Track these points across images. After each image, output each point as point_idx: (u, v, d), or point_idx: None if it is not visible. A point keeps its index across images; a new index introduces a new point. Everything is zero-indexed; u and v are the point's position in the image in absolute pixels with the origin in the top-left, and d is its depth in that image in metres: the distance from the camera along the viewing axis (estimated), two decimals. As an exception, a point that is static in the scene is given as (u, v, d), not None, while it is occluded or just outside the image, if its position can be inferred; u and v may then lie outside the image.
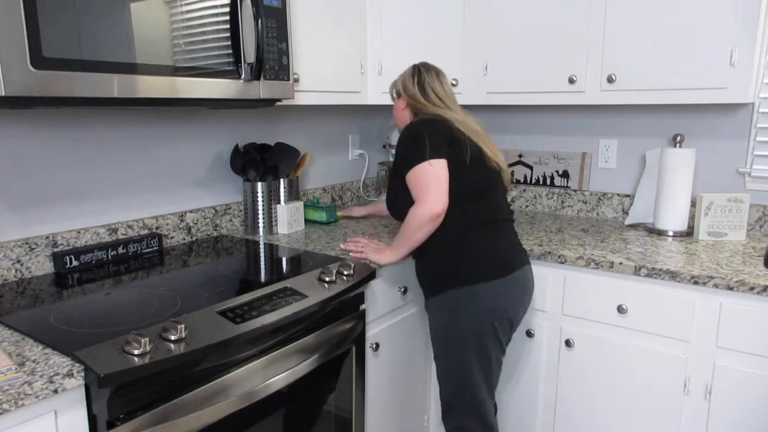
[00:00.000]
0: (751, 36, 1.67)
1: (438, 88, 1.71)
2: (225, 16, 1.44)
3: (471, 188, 1.59)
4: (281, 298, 1.36)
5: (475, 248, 1.57)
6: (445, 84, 1.73)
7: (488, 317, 1.56)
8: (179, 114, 1.85)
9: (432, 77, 1.72)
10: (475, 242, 1.57)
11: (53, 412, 0.98)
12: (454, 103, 1.72)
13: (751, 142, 2.01)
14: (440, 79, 1.73)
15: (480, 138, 1.65)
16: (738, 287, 1.51)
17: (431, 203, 1.52)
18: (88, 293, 1.37)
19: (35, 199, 1.51)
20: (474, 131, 1.65)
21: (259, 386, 1.27)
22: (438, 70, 1.75)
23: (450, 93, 1.74)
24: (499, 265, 1.57)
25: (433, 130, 1.59)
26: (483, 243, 1.58)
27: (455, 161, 1.58)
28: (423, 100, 1.69)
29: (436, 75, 1.73)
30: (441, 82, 1.72)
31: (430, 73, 1.73)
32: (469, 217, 1.58)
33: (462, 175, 1.58)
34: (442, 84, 1.72)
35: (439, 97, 1.70)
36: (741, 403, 1.56)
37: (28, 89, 1.08)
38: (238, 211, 2.07)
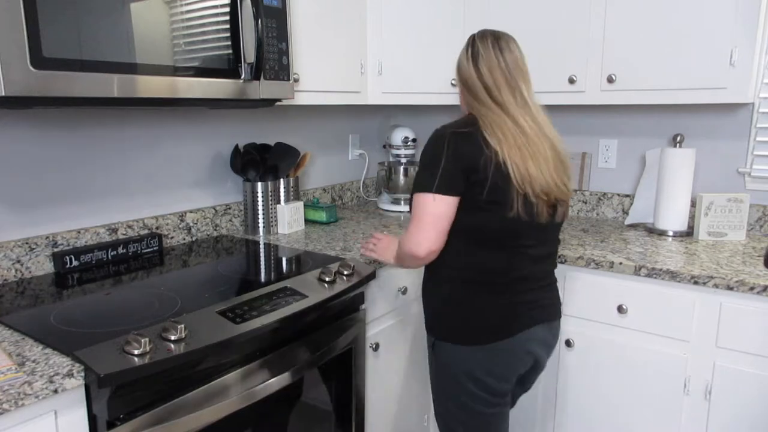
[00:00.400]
0: (751, 36, 1.67)
1: (496, 63, 1.29)
2: (225, 16, 1.44)
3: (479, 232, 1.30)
4: (281, 298, 1.36)
5: (463, 306, 1.34)
6: (506, 53, 1.30)
7: (460, 378, 1.37)
8: (179, 114, 1.85)
9: (486, 45, 1.31)
10: (467, 299, 1.34)
11: (53, 412, 0.98)
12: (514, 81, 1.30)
13: (751, 142, 2.01)
14: (500, 45, 1.31)
15: (534, 161, 1.26)
16: (738, 287, 1.51)
17: (413, 243, 1.29)
18: (88, 293, 1.37)
19: (35, 199, 1.51)
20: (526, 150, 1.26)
21: (259, 386, 1.27)
22: (499, 34, 1.33)
23: (516, 67, 1.30)
24: (494, 327, 1.33)
25: (456, 152, 1.26)
26: (475, 303, 1.33)
27: (472, 194, 1.28)
28: (477, 86, 1.31)
29: (494, 41, 1.31)
30: (500, 50, 1.30)
31: (485, 40, 1.32)
32: (468, 267, 1.33)
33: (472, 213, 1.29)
34: (502, 54, 1.30)
35: (495, 82, 1.29)
36: (741, 403, 1.56)
37: (28, 89, 1.08)
38: (238, 211, 2.07)
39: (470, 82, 1.34)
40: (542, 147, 1.29)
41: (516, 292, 1.34)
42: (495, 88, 1.30)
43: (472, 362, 1.36)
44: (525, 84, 1.32)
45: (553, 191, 1.30)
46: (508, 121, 1.28)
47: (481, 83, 1.32)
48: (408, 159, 2.49)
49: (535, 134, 1.29)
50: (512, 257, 1.32)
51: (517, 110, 1.29)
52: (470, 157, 1.26)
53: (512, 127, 1.27)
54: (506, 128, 1.27)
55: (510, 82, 1.31)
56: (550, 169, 1.29)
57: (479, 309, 1.34)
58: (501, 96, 1.30)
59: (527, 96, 1.31)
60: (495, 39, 1.33)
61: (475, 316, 1.34)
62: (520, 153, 1.26)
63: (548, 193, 1.29)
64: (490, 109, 1.30)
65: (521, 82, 1.31)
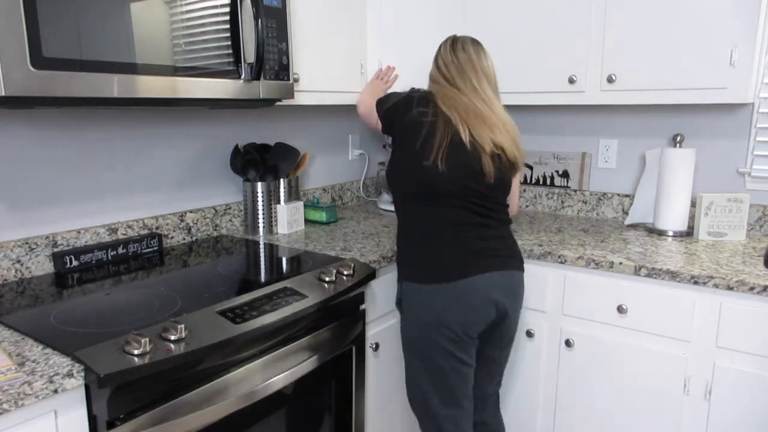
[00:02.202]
0: (751, 36, 1.67)
1: (450, 59, 1.56)
2: (225, 16, 1.44)
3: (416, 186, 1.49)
4: (281, 298, 1.36)
5: (417, 250, 1.51)
6: (459, 53, 1.55)
7: (424, 324, 1.49)
8: (179, 114, 1.85)
9: (445, 46, 1.59)
10: (417, 241, 1.51)
11: (53, 412, 0.98)
12: (463, 74, 1.53)
13: (751, 142, 2.01)
14: (454, 47, 1.56)
15: (476, 118, 1.48)
16: (738, 287, 1.51)
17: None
18: (88, 293, 1.37)
19: (35, 199, 1.51)
20: (471, 111, 1.48)
21: (259, 386, 1.27)
22: (459, 38, 1.58)
23: (467, 63, 1.54)
24: (443, 269, 1.47)
25: (396, 101, 1.59)
26: (427, 246, 1.50)
27: (406, 148, 1.51)
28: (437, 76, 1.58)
29: (450, 43, 1.58)
30: (454, 50, 1.56)
31: (445, 44, 1.59)
32: (416, 215, 1.52)
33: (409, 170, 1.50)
34: (455, 54, 1.55)
35: (449, 72, 1.55)
36: (741, 403, 1.56)
37: (28, 89, 1.08)
38: (238, 211, 2.07)
39: (432, 75, 1.61)
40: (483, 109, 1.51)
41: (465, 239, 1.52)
42: (450, 76, 1.55)
43: (428, 305, 1.50)
44: (475, 77, 1.53)
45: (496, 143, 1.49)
46: (451, 89, 1.53)
47: (440, 73, 1.57)
48: (408, 159, 2.49)
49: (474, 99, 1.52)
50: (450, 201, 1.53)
51: (468, 92, 1.52)
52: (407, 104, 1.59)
53: (450, 92, 1.53)
54: (447, 92, 1.53)
55: (462, 74, 1.53)
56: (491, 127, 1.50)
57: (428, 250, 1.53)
58: (455, 81, 1.54)
59: (477, 85, 1.53)
60: (452, 42, 1.58)
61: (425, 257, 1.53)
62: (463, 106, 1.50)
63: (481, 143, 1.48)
64: (440, 83, 1.56)
65: (471, 74, 1.53)
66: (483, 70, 1.54)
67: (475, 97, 1.51)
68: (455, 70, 1.54)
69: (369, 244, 1.85)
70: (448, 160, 1.45)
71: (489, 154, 1.46)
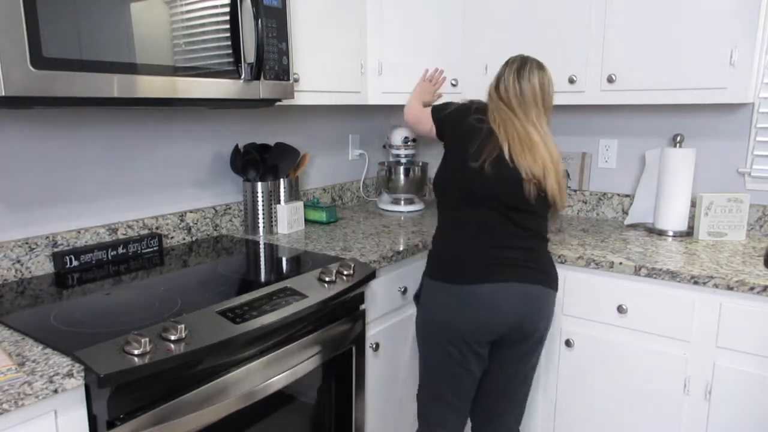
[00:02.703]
0: (751, 36, 1.67)
1: (510, 85, 1.54)
2: (225, 16, 1.44)
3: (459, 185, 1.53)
4: (281, 298, 1.36)
5: (443, 248, 1.57)
6: (522, 81, 1.52)
7: (431, 320, 1.56)
8: (179, 114, 1.85)
9: (510, 70, 1.56)
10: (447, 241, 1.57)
11: (53, 412, 0.98)
12: (524, 107, 1.53)
13: (751, 142, 2.01)
14: (519, 74, 1.53)
15: (521, 144, 1.49)
16: (738, 287, 1.51)
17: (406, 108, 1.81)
18: (88, 293, 1.37)
19: (35, 199, 1.51)
20: (517, 136, 1.50)
21: (259, 386, 1.27)
22: (525, 62, 1.55)
23: (527, 92, 1.52)
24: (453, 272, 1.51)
25: (455, 107, 1.63)
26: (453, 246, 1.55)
27: (458, 150, 1.56)
28: (492, 94, 1.58)
29: (517, 69, 1.55)
30: (519, 78, 1.53)
31: (512, 65, 1.56)
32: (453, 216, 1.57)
33: (456, 170, 1.55)
34: (519, 80, 1.53)
35: (509, 98, 1.54)
36: (741, 403, 1.56)
37: (28, 89, 1.08)
38: (238, 211, 2.07)
39: (491, 93, 1.60)
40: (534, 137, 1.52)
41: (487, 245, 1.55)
42: (511, 104, 1.54)
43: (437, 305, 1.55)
44: (536, 111, 1.53)
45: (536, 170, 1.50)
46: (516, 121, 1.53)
47: (499, 97, 1.57)
48: (408, 159, 2.49)
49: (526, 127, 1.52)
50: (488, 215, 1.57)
51: (522, 118, 1.53)
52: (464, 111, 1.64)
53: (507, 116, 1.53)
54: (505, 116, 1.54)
55: (522, 106, 1.53)
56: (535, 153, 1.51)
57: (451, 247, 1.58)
58: (515, 110, 1.54)
59: (535, 120, 1.53)
60: (519, 67, 1.55)
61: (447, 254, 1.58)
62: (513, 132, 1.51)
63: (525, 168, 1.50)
64: (501, 107, 1.56)
65: (532, 108, 1.53)
66: (545, 102, 1.55)
67: (529, 125, 1.52)
68: (516, 102, 1.53)
69: (369, 244, 1.85)
70: (494, 166, 1.49)
71: (526, 180, 1.49)
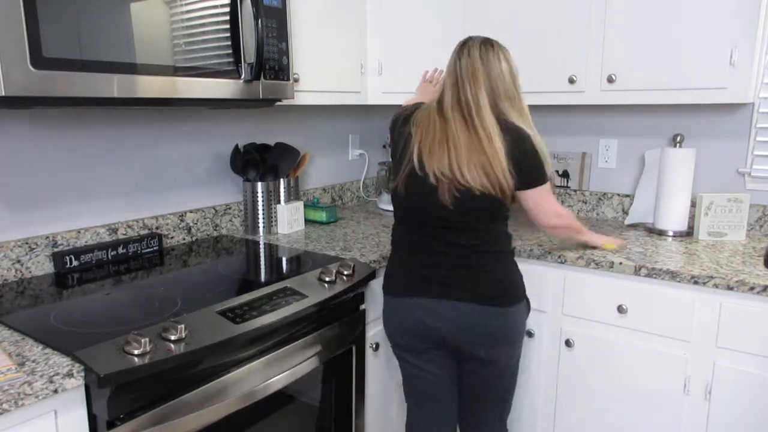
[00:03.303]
0: (751, 36, 1.67)
1: (450, 65, 1.48)
2: (225, 16, 1.44)
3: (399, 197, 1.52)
4: (281, 298, 1.36)
5: (388, 260, 1.59)
6: (462, 58, 1.45)
7: (385, 328, 1.59)
8: (179, 114, 1.85)
9: (454, 52, 1.50)
10: (391, 255, 1.58)
11: (53, 412, 0.98)
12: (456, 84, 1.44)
13: (751, 142, 2.00)
14: (460, 52, 1.47)
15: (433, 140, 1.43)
16: (738, 287, 1.51)
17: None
18: (88, 293, 1.37)
19: (35, 199, 1.51)
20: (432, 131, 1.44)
21: (259, 386, 1.27)
22: (467, 39, 1.49)
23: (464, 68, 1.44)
24: (391, 283, 1.54)
25: (394, 117, 1.59)
26: (391, 259, 1.57)
27: (394, 161, 1.54)
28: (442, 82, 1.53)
29: (458, 48, 1.49)
30: (459, 55, 1.47)
31: (457, 46, 1.50)
32: (394, 231, 1.58)
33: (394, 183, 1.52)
34: (459, 57, 1.46)
35: (447, 77, 1.48)
36: (741, 403, 1.56)
37: (28, 89, 1.08)
38: (238, 211, 2.07)
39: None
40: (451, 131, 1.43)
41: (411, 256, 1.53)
42: (445, 83, 1.48)
43: (384, 312, 1.58)
44: (472, 86, 1.43)
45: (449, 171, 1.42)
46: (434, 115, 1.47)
47: (443, 82, 1.51)
48: (408, 159, 2.49)
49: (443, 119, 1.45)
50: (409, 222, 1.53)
51: (447, 109, 1.45)
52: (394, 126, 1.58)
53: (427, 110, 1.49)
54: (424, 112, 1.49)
55: (455, 85, 1.46)
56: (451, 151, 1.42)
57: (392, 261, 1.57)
58: (443, 94, 1.47)
59: (467, 97, 1.43)
60: (461, 45, 1.49)
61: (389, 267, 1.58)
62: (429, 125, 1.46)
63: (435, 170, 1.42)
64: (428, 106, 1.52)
65: (467, 84, 1.44)
66: (488, 77, 1.43)
67: (455, 114, 1.43)
68: (449, 80, 1.47)
69: (369, 244, 1.85)
70: (407, 185, 1.46)
71: (438, 184, 1.41)
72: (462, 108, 1.43)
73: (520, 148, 1.41)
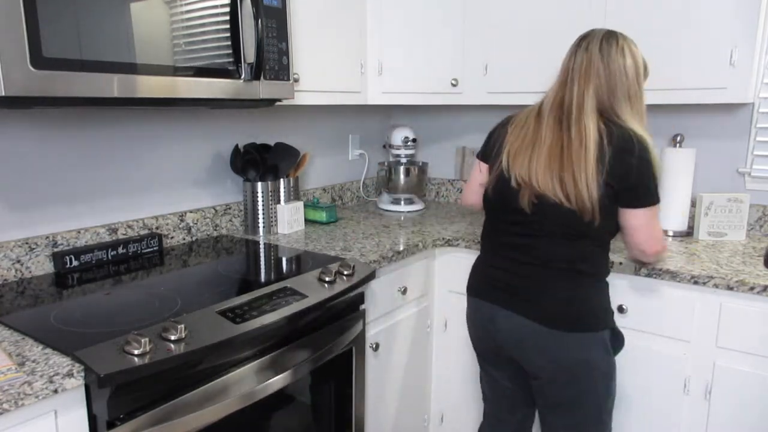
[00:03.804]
0: (751, 36, 1.67)
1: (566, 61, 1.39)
2: (225, 16, 1.44)
3: (487, 198, 1.49)
4: (281, 298, 1.36)
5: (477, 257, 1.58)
6: (578, 52, 1.35)
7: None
8: (179, 114, 1.85)
9: (573, 43, 1.40)
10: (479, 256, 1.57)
11: (53, 412, 0.98)
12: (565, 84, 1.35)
13: (751, 142, 2.00)
14: (578, 45, 1.37)
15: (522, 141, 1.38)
16: (738, 287, 1.51)
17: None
18: (88, 293, 1.37)
19: (35, 199, 1.51)
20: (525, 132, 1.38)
21: (259, 386, 1.27)
22: (589, 33, 1.37)
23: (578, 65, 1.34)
24: (469, 281, 1.54)
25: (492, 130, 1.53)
26: (478, 256, 1.57)
27: (489, 161, 1.50)
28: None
29: (578, 41, 1.38)
30: (576, 49, 1.36)
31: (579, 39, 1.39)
32: (484, 225, 1.55)
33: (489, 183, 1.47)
34: (575, 52, 1.36)
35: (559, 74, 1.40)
36: (741, 403, 1.56)
37: (28, 89, 1.08)
38: (238, 211, 2.07)
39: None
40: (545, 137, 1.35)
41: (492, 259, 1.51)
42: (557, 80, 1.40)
43: (468, 313, 1.57)
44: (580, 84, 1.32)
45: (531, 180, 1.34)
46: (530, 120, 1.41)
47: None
48: (408, 159, 2.49)
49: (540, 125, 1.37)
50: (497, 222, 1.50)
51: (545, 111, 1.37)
52: (493, 131, 1.53)
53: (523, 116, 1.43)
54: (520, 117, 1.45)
55: (563, 84, 1.37)
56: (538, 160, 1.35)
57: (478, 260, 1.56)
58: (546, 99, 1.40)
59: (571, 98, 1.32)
60: (580, 38, 1.38)
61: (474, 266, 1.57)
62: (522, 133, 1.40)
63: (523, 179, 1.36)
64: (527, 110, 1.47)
65: (577, 81, 1.33)
66: (605, 75, 1.30)
67: (550, 116, 1.35)
68: (560, 78, 1.37)
69: (369, 244, 1.85)
70: (495, 186, 1.44)
71: (520, 187, 1.36)
72: (561, 110, 1.34)
73: (628, 159, 1.26)
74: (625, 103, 1.30)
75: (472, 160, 2.61)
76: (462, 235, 1.99)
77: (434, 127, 2.74)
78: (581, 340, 1.33)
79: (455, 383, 2.08)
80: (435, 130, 2.74)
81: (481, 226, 2.11)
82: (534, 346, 1.37)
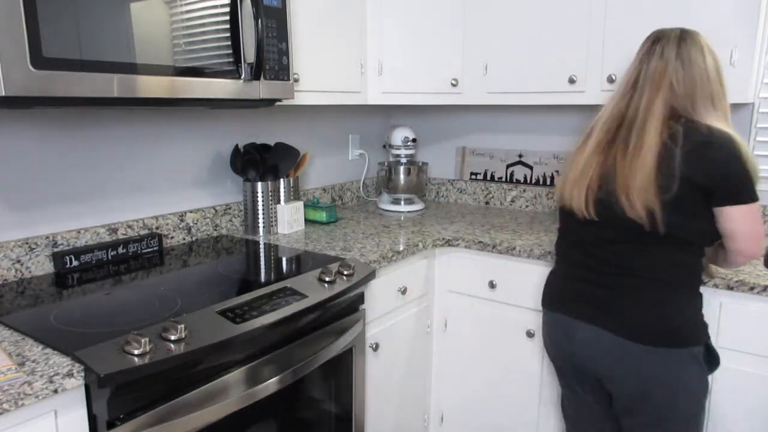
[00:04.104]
0: (751, 36, 1.67)
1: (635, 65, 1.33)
2: (225, 17, 1.44)
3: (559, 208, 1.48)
4: (281, 298, 1.36)
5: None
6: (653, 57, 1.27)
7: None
8: (179, 114, 1.85)
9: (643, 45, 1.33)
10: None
11: (53, 412, 0.98)
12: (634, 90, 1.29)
13: (751, 142, 2.00)
14: (651, 47, 1.29)
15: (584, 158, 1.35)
16: (738, 287, 1.51)
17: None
18: (88, 293, 1.37)
19: (35, 199, 1.51)
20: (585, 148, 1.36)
21: (259, 386, 1.27)
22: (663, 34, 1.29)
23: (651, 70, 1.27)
24: (547, 296, 1.51)
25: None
26: (553, 267, 1.53)
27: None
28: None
29: (650, 42, 1.31)
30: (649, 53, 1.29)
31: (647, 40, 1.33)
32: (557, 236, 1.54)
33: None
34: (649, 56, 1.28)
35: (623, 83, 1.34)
36: (741, 403, 1.56)
37: (28, 89, 1.08)
38: (238, 211, 2.07)
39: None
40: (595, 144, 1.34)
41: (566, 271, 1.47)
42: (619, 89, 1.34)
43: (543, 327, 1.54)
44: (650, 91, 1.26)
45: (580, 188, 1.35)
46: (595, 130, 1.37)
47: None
48: (408, 159, 2.49)
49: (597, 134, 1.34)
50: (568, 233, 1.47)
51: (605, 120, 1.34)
52: None
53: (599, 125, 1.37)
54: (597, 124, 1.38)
55: (627, 92, 1.31)
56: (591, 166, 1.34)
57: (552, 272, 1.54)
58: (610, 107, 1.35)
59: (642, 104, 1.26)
60: (653, 39, 1.30)
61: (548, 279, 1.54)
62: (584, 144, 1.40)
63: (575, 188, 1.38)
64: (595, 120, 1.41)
65: (646, 92, 1.27)
66: (684, 80, 1.23)
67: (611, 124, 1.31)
68: (629, 83, 1.30)
69: (369, 244, 1.85)
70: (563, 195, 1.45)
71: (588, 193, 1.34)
72: (622, 118, 1.29)
73: (706, 152, 1.18)
74: (708, 105, 1.24)
75: (472, 159, 2.62)
76: (462, 235, 1.99)
77: (434, 127, 2.74)
78: (666, 357, 1.25)
79: (455, 383, 2.08)
80: (435, 130, 2.74)
81: (480, 226, 2.12)
82: (616, 362, 1.30)
